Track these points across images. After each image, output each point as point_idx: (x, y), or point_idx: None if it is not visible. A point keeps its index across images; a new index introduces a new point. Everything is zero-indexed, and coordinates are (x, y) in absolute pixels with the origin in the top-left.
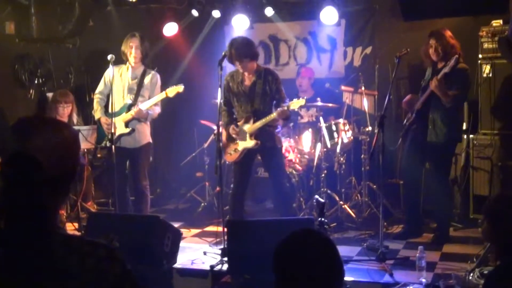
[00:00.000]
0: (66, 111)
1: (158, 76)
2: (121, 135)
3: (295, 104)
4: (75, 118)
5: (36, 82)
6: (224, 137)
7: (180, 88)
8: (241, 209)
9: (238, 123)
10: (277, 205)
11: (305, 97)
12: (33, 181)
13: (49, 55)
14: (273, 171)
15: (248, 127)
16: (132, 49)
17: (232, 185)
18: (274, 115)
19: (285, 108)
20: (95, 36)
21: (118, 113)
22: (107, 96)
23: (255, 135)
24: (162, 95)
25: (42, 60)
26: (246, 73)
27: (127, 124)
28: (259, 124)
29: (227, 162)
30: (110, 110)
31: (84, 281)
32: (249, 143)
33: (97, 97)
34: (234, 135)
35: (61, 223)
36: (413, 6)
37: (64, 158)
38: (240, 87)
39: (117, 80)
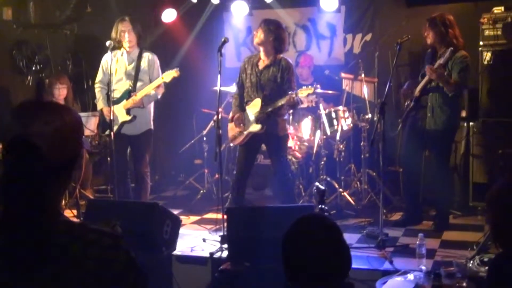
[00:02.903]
0: (61, 93)
1: (156, 57)
2: (123, 123)
3: (303, 91)
4: (70, 103)
5: (33, 68)
6: (231, 119)
7: (175, 72)
8: (243, 196)
9: (246, 106)
10: (277, 193)
11: (315, 85)
12: (34, 167)
13: (46, 41)
14: (275, 159)
15: (255, 112)
16: (125, 33)
17: (234, 172)
18: (281, 101)
19: (293, 95)
20: (93, 22)
21: (119, 101)
22: (108, 84)
23: (261, 120)
24: (159, 81)
25: (40, 46)
26: (262, 57)
27: (128, 111)
28: (265, 109)
29: (231, 146)
30: (110, 98)
31: (88, 270)
32: (255, 127)
33: (97, 87)
34: (238, 123)
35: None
36: None
37: (66, 144)
38: (254, 68)
39: (115, 66)
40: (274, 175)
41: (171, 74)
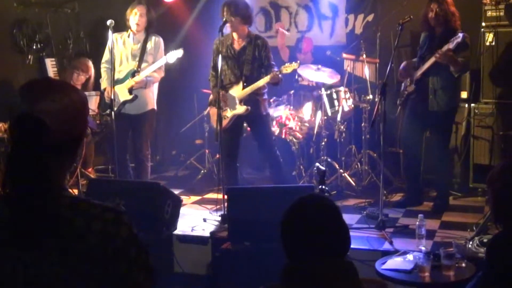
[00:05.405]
0: (80, 79)
1: (161, 40)
2: (125, 102)
3: (288, 68)
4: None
5: (34, 47)
6: (210, 102)
7: (179, 53)
8: (236, 177)
9: (229, 89)
10: (270, 174)
11: (298, 61)
12: (40, 144)
13: (47, 20)
14: (261, 139)
15: (238, 93)
16: (137, 16)
17: (222, 158)
18: (266, 79)
19: (277, 72)
20: (94, 1)
21: (123, 80)
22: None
23: (245, 101)
24: (163, 60)
25: (40, 25)
26: (236, 37)
27: (130, 91)
28: (249, 89)
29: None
30: (113, 78)
31: (91, 244)
32: (240, 109)
33: (104, 67)
34: (222, 104)
35: None
36: None
37: (73, 122)
38: (229, 50)
39: (121, 47)
40: (262, 156)
41: (175, 54)
